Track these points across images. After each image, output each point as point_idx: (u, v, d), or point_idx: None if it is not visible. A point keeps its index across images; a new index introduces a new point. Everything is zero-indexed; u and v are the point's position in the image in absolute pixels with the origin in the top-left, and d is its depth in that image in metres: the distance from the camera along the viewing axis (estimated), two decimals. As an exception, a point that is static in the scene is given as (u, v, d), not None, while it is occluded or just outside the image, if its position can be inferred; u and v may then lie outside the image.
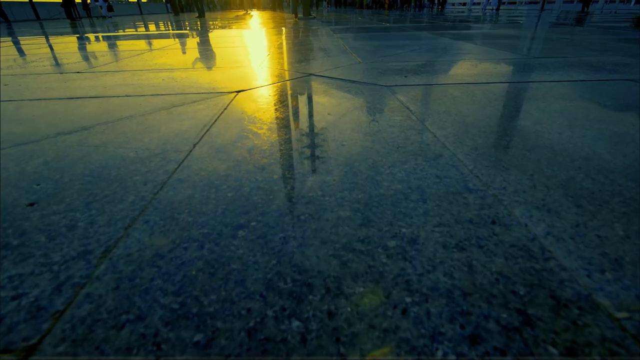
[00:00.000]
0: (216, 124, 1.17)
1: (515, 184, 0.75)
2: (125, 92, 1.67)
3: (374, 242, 0.57)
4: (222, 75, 2.00)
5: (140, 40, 4.59)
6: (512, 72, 1.89)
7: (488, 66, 2.10)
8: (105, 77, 2.05)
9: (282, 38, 4.32)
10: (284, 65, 2.32)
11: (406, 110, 1.26)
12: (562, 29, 5.12)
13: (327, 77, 1.86)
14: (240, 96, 1.53)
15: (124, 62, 2.59)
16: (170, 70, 2.18)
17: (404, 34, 4.43)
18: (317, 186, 0.75)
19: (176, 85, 1.78)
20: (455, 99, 1.40)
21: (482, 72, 1.91)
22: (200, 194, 0.74)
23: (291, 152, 0.93)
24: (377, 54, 2.67)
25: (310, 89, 1.62)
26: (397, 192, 0.72)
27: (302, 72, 2.03)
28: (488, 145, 0.95)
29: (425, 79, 1.78)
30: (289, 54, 2.88)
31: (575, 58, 2.35)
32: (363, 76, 1.86)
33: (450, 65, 2.14)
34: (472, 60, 2.35)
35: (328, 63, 2.31)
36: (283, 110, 1.31)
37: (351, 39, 3.95)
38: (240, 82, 1.81)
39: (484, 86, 1.61)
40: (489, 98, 1.41)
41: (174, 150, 0.97)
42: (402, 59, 2.44)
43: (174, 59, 2.69)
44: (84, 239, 0.62)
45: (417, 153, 0.90)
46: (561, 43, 3.22)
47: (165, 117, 1.27)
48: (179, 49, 3.32)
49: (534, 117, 1.17)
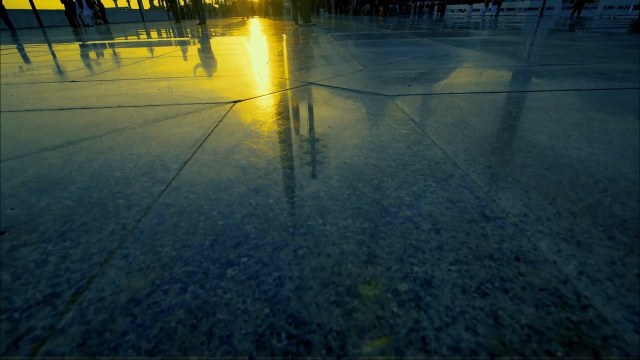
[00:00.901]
0: (210, 138, 1.11)
1: (536, 210, 0.67)
2: (118, 102, 1.61)
3: (383, 285, 0.50)
4: (220, 84, 1.95)
5: (139, 47, 4.57)
6: (519, 81, 1.82)
7: (493, 74, 2.03)
8: (99, 86, 2.00)
9: (282, 45, 4.29)
10: (284, 73, 2.26)
11: (411, 123, 1.19)
12: (564, 35, 5.08)
13: (327, 86, 1.80)
14: (237, 107, 1.46)
15: (120, 70, 2.54)
16: (167, 79, 2.13)
17: (405, 41, 4.40)
18: (317, 212, 0.68)
19: (171, 95, 1.72)
20: (463, 110, 1.33)
21: (487, 81, 1.84)
22: (188, 222, 0.66)
23: (289, 171, 0.86)
24: (379, 62, 2.61)
25: (310, 99, 1.56)
26: (406, 220, 0.64)
27: (302, 80, 1.97)
28: (502, 163, 0.87)
29: (429, 88, 1.71)
30: (289, 61, 2.83)
31: (583, 65, 2.29)
32: (365, 85, 1.80)
33: (454, 73, 2.08)
34: (476, 67, 2.29)
35: (328, 71, 2.25)
36: (281, 122, 1.24)
37: (352, 46, 3.90)
38: (237, 91, 1.74)
39: (491, 96, 1.54)
40: (498, 109, 1.34)
41: (163, 168, 0.90)
42: (404, 66, 2.39)
43: (172, 67, 2.64)
44: (53, 278, 0.54)
45: (426, 172, 0.83)
46: (565, 50, 3.17)
47: (157, 130, 1.20)
48: (177, 57, 3.28)
49: (548, 131, 1.10)
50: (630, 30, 6.05)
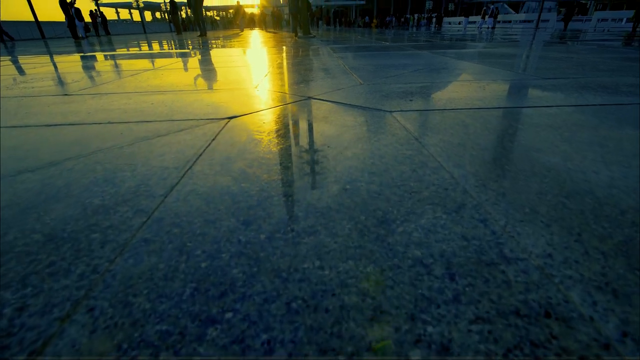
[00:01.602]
0: (201, 159, 1.04)
1: (562, 249, 0.60)
2: (108, 118, 1.55)
3: (392, 353, 0.42)
4: (216, 98, 1.89)
5: (137, 59, 4.55)
6: (524, 95, 1.77)
7: (496, 88, 1.99)
8: (92, 100, 1.94)
9: (281, 57, 4.28)
10: (282, 86, 2.21)
11: (415, 142, 1.12)
12: (561, 47, 5.10)
13: (327, 101, 1.74)
14: (232, 123, 1.40)
15: (116, 83, 2.49)
16: (162, 93, 2.07)
17: (405, 53, 4.39)
18: (314, 252, 0.60)
19: (165, 110, 1.66)
20: (468, 127, 1.27)
21: (491, 95, 1.79)
22: (167, 264, 0.58)
23: (284, 199, 0.79)
24: (379, 75, 2.57)
25: (309, 115, 1.49)
26: (415, 263, 0.57)
27: (301, 94, 1.92)
28: (517, 190, 0.80)
29: (432, 103, 1.66)
30: (288, 74, 2.79)
31: (586, 79, 2.25)
32: (365, 100, 1.74)
33: (456, 87, 2.03)
34: (477, 81, 2.24)
35: (328, 85, 2.20)
36: (277, 142, 1.17)
37: (351, 58, 3.89)
38: (234, 106, 1.68)
39: (497, 112, 1.48)
40: (505, 126, 1.28)
41: (147, 195, 0.83)
42: (404, 80, 2.34)
43: (169, 79, 2.59)
44: (3, 338, 0.46)
45: (435, 201, 0.75)
46: (566, 62, 3.15)
47: (146, 149, 1.13)
48: (175, 69, 3.24)
49: (561, 151, 1.03)
50: (625, 43, 6.10)
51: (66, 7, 14.98)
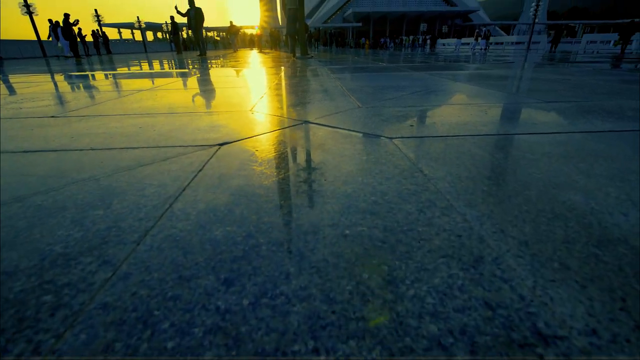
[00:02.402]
0: (184, 194, 0.94)
1: (606, 320, 0.49)
2: (92, 143, 1.46)
3: None
4: (208, 121, 1.81)
5: (134, 79, 4.53)
6: (530, 121, 1.71)
7: (498, 112, 1.93)
8: (78, 123, 1.86)
9: (279, 77, 4.27)
10: (279, 109, 2.15)
11: (420, 175, 1.03)
12: (557, 69, 5.16)
13: (324, 126, 1.66)
14: (222, 151, 1.31)
15: (107, 104, 2.42)
16: (153, 115, 2.00)
17: (402, 75, 4.41)
18: (307, 327, 0.49)
19: (153, 135, 1.57)
20: (475, 157, 1.19)
21: (494, 120, 1.73)
22: (125, 342, 0.47)
23: (274, 249, 0.68)
24: (377, 97, 2.53)
25: (305, 142, 1.41)
26: (432, 344, 0.46)
27: (298, 118, 1.85)
28: (540, 237, 0.70)
29: (434, 128, 1.59)
30: (285, 95, 2.74)
31: (589, 102, 2.21)
32: (364, 124, 1.67)
33: (457, 111, 1.97)
34: (478, 104, 2.20)
35: (325, 107, 2.14)
36: (268, 174, 1.08)
37: (349, 79, 3.88)
38: (226, 131, 1.60)
39: (503, 139, 1.41)
40: (515, 157, 1.20)
41: (117, 241, 0.72)
42: (403, 103, 2.29)
43: (162, 101, 2.53)
44: None
45: (448, 252, 0.65)
46: (563, 85, 3.14)
47: (125, 182, 1.03)
48: (171, 90, 3.20)
49: (580, 187, 0.94)
50: (616, 65, 6.23)
51: (69, 27, 15.28)
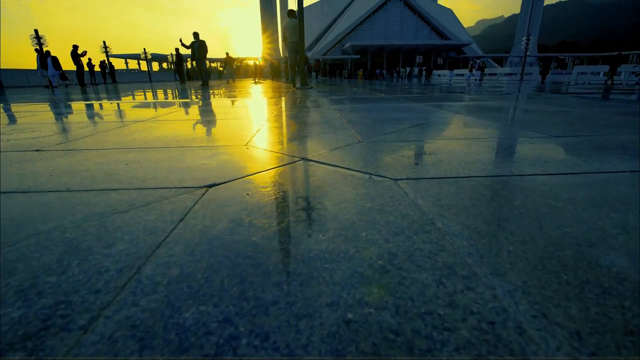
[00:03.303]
0: (156, 255, 0.79)
1: None
2: (69, 183, 1.33)
3: None
4: (199, 158, 1.70)
5: (131, 109, 4.52)
6: (541, 158, 1.60)
7: (507, 148, 1.83)
8: (62, 158, 1.75)
9: (278, 109, 4.26)
10: (276, 143, 2.05)
11: (433, 229, 0.90)
12: (554, 100, 5.20)
13: (323, 164, 1.55)
14: (210, 195, 1.18)
15: (98, 137, 2.34)
16: (143, 150, 1.89)
17: (401, 106, 4.41)
18: None
19: (138, 173, 1.45)
20: (491, 204, 1.06)
21: (504, 158, 1.62)
22: None
23: (255, 343, 0.53)
24: (377, 130, 2.45)
25: (302, 185, 1.29)
26: None
27: (295, 154, 1.75)
28: (593, 323, 0.56)
29: (441, 167, 1.47)
30: (284, 128, 2.67)
31: (598, 136, 2.13)
32: (365, 162, 1.56)
33: (463, 147, 1.88)
34: (484, 139, 2.11)
35: (324, 142, 2.05)
36: (258, 226, 0.94)
37: (348, 110, 3.86)
38: (217, 169, 1.49)
39: (518, 181, 1.29)
40: (537, 204, 1.07)
41: (61, 326, 0.57)
42: (405, 137, 2.21)
43: (156, 133, 2.45)
44: None
45: (481, 349, 0.50)
46: (567, 117, 3.09)
47: (93, 235, 0.89)
48: (166, 121, 3.14)
49: (620, 245, 0.80)
50: (609, 95, 6.33)
51: (77, 57, 15.81)
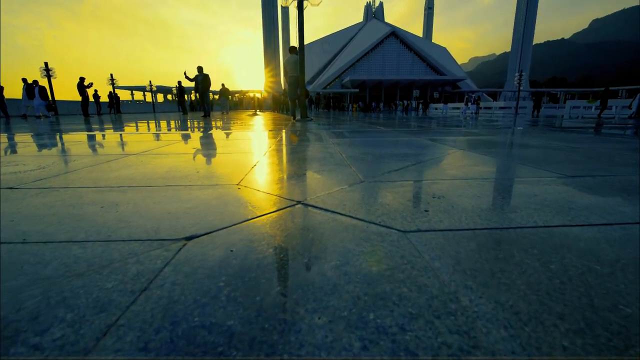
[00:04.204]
0: (99, 347, 0.60)
1: None
2: (28, 232, 1.15)
3: None
4: (185, 199, 1.54)
5: (126, 141, 4.44)
6: (565, 204, 1.44)
7: (523, 191, 1.68)
8: (34, 198, 1.58)
9: (276, 142, 4.18)
10: (270, 183, 1.90)
11: (459, 309, 0.71)
12: (555, 134, 5.16)
13: (321, 209, 1.38)
14: (186, 251, 1.00)
15: (81, 173, 2.19)
16: (124, 190, 1.73)
17: (402, 140, 4.34)
18: None
19: (111, 219, 1.28)
20: (523, 268, 0.88)
21: (524, 204, 1.46)
22: None
23: None
24: (379, 167, 2.32)
25: (295, 240, 1.11)
26: None
27: (291, 196, 1.58)
28: None
29: (454, 216, 1.30)
30: (280, 165, 2.54)
31: (618, 177, 1.99)
32: (369, 208, 1.39)
33: (474, 190, 1.73)
34: (495, 179, 1.97)
35: (323, 182, 1.90)
36: (238, 301, 0.75)
37: (347, 145, 3.77)
38: (202, 215, 1.32)
39: (548, 234, 1.12)
40: (577, 268, 0.88)
41: None
42: (410, 175, 2.07)
43: (144, 169, 2.30)
44: None
45: None
46: (575, 154, 2.99)
47: (29, 312, 0.70)
48: (158, 155, 3.02)
49: None
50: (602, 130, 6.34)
51: (83, 89, 16.23)
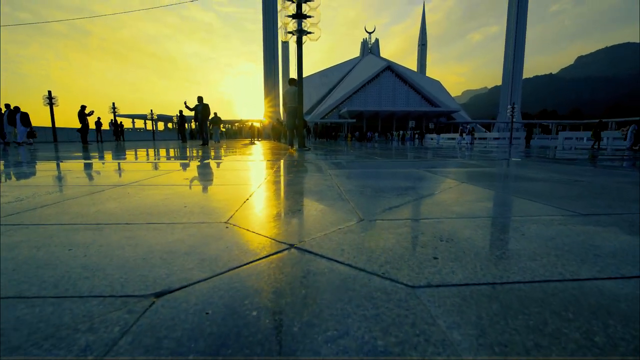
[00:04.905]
0: None
1: None
2: (-30, 285, 0.97)
3: None
4: (163, 241, 1.37)
5: (117, 170, 4.31)
6: (590, 250, 1.29)
7: (540, 233, 1.53)
8: (3, 237, 1.41)
9: (272, 173, 4.07)
10: (261, 221, 1.74)
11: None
12: (555, 166, 5.11)
13: (316, 256, 1.22)
14: (152, 312, 0.83)
15: (60, 206, 2.02)
16: (100, 228, 1.57)
17: (401, 172, 4.25)
18: None
19: (75, 267, 1.10)
20: (563, 343, 0.71)
21: (544, 250, 1.30)
22: None
23: None
24: (379, 203, 2.18)
25: (285, 298, 0.94)
26: None
27: (283, 238, 1.42)
28: None
29: (468, 265, 1.15)
30: (273, 199, 2.40)
31: (632, 215, 1.85)
32: (370, 255, 1.23)
33: (484, 231, 1.58)
34: (506, 219, 1.83)
35: (320, 220, 1.75)
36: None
37: (345, 176, 3.66)
38: (178, 263, 1.15)
39: (577, 291, 0.95)
40: (626, 340, 0.72)
41: None
42: (412, 212, 1.92)
43: (127, 203, 2.15)
44: None
45: None
46: (582, 188, 2.88)
47: None
48: (146, 187, 2.87)
49: None
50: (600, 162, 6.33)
51: (84, 116, 16.42)
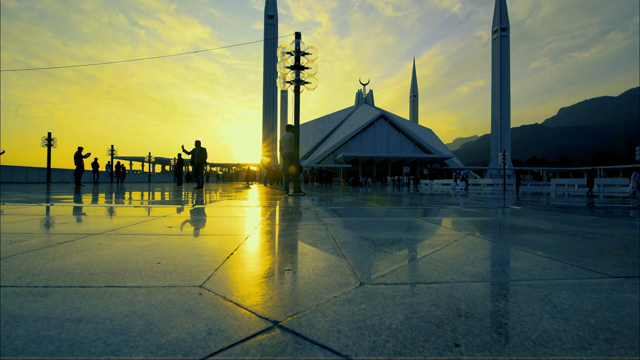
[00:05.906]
0: None
1: None
2: None
3: None
4: (116, 316, 1.11)
5: (100, 215, 4.05)
6: (623, 319, 1.06)
7: (575, 306, 1.29)
8: None
9: (263, 221, 3.84)
10: (243, 285, 1.49)
11: None
12: (559, 215, 4.95)
13: (305, 341, 0.97)
14: None
15: (11, 261, 1.75)
16: (45, 294, 1.30)
17: (399, 221, 4.05)
18: None
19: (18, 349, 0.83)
20: None
21: (587, 333, 1.07)
22: None
23: None
24: (380, 261, 1.95)
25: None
26: None
27: (266, 313, 1.17)
28: None
29: (492, 343, 0.90)
30: (261, 255, 2.16)
31: (669, 281, 1.64)
32: (374, 340, 0.98)
33: (510, 304, 1.34)
34: (532, 287, 1.60)
35: (313, 284, 1.50)
36: None
37: (341, 226, 3.44)
38: (125, 352, 0.89)
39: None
40: None
41: None
42: (419, 275, 1.69)
43: (95, 256, 1.89)
44: None
45: None
46: (598, 243, 2.67)
47: None
48: (123, 235, 2.62)
49: None
50: (601, 210, 6.22)
51: (79, 158, 16.42)
